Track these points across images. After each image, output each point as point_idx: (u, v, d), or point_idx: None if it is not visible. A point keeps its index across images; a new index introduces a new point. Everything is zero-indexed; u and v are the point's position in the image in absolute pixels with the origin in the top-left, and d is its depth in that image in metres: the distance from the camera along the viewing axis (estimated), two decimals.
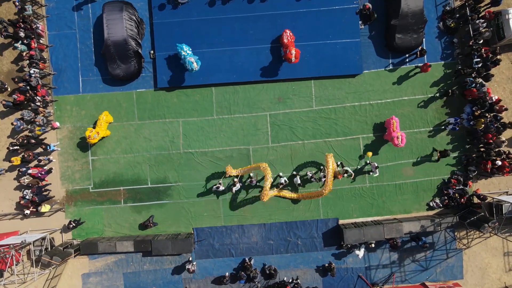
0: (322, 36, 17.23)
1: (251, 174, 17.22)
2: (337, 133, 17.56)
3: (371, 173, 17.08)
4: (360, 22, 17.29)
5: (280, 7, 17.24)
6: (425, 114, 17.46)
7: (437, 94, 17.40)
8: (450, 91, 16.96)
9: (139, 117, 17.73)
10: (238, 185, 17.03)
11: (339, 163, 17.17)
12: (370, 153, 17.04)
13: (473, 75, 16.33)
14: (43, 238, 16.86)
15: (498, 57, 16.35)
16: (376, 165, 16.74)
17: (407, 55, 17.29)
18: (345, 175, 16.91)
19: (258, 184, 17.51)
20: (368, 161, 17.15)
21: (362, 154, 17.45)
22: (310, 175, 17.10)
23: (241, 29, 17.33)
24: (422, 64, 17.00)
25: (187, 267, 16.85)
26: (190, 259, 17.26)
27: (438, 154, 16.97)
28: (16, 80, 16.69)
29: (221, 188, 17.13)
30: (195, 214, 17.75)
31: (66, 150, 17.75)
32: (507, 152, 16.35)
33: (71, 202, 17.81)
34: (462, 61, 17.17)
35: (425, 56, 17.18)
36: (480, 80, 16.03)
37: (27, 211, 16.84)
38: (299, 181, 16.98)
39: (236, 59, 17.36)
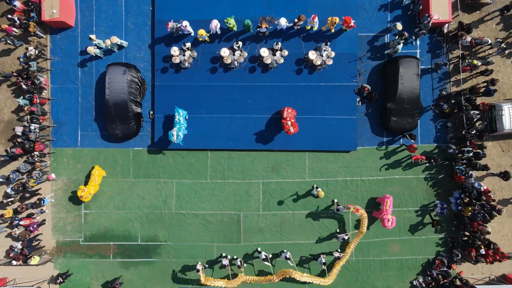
0: (319, 110, 17.49)
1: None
2: (327, 206, 17.83)
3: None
4: (357, 100, 17.60)
5: (280, 79, 17.49)
6: (414, 194, 17.75)
7: (427, 176, 17.73)
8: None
9: (134, 175, 17.97)
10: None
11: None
12: (322, 193, 16.74)
13: (463, 164, 16.63)
14: None
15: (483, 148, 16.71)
16: (341, 206, 17.04)
17: (401, 135, 17.57)
18: None
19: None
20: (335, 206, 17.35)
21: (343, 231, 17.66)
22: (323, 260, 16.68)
23: (240, 97, 17.57)
24: (408, 145, 17.32)
25: None
26: None
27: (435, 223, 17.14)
28: (15, 139, 16.99)
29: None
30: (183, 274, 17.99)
31: (59, 202, 17.98)
32: (492, 243, 16.61)
33: (60, 253, 18.02)
34: (454, 145, 17.47)
35: (419, 138, 17.56)
36: (470, 171, 16.32)
37: (15, 263, 16.99)
38: (323, 261, 16.58)
39: (234, 127, 17.61)
